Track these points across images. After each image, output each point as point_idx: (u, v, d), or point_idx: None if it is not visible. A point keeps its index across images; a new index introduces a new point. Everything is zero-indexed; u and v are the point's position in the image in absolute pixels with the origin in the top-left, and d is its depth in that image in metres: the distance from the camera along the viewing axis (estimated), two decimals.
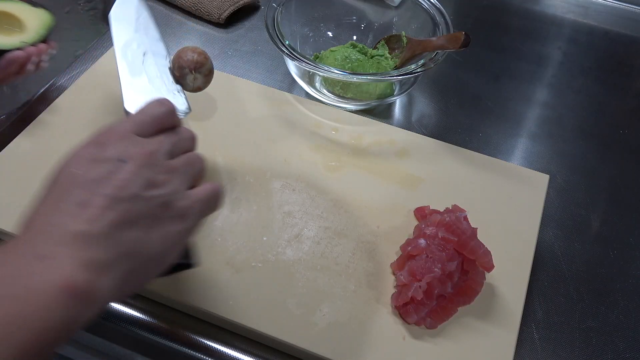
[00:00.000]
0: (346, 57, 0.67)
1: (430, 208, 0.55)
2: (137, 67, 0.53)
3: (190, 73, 0.55)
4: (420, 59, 0.64)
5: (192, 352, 0.48)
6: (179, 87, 0.55)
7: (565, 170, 0.67)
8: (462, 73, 0.78)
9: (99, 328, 0.52)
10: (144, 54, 0.54)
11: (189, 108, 0.52)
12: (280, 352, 0.48)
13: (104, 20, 0.79)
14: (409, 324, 0.48)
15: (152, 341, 0.49)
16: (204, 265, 0.50)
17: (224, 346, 0.48)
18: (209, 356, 0.48)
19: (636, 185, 0.66)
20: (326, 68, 0.62)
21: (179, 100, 0.53)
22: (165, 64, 0.55)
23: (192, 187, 0.39)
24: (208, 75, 0.57)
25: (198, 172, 0.40)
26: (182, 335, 0.48)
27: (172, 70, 0.56)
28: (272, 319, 0.47)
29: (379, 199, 0.56)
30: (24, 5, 0.62)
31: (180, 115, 0.45)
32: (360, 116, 0.65)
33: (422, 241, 0.49)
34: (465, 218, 0.51)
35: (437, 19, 0.68)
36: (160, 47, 0.55)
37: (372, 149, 0.61)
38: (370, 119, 0.65)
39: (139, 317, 0.49)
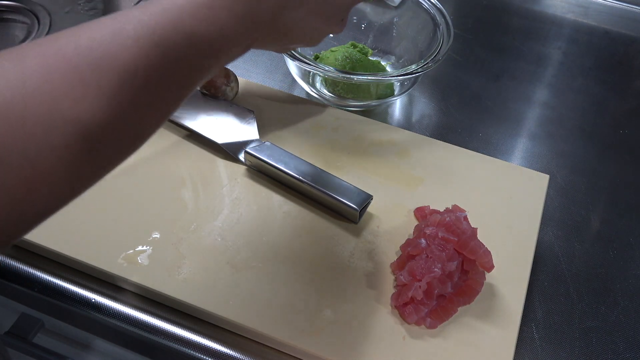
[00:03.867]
0: (346, 57, 0.67)
1: (430, 208, 0.55)
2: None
3: (226, 85, 0.61)
4: (421, 59, 0.64)
5: (192, 352, 0.48)
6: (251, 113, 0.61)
7: (565, 170, 0.67)
8: (462, 73, 0.78)
9: (99, 328, 0.53)
10: None
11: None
12: (280, 351, 0.48)
13: None
14: (409, 324, 0.48)
15: (152, 341, 0.49)
16: (204, 265, 0.50)
17: (224, 346, 0.48)
18: (209, 356, 0.48)
19: (636, 185, 0.66)
20: (326, 68, 0.62)
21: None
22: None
23: None
24: (235, 80, 0.63)
25: None
26: (182, 335, 0.48)
27: (203, 91, 0.60)
28: (272, 318, 0.47)
29: (379, 199, 0.56)
30: None
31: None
32: (360, 116, 0.65)
33: (422, 241, 0.49)
34: (465, 218, 0.51)
35: (438, 19, 0.68)
36: None
37: (372, 149, 0.61)
38: (370, 119, 0.65)
39: (140, 317, 0.49)
